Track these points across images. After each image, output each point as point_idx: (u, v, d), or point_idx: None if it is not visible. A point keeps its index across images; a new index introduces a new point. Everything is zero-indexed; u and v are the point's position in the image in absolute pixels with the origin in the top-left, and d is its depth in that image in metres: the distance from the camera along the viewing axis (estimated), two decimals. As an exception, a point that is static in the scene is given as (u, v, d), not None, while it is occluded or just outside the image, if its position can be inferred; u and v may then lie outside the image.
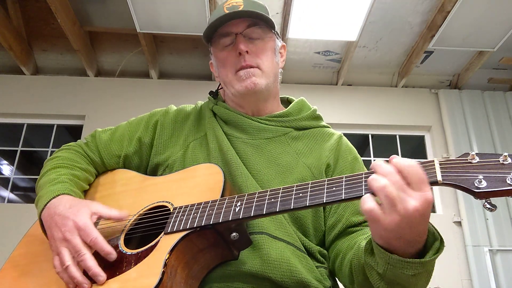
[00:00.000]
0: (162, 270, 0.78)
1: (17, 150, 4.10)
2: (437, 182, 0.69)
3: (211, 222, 0.83)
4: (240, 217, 0.82)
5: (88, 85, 4.22)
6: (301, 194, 0.79)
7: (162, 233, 0.87)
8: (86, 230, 0.88)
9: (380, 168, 0.70)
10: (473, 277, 3.59)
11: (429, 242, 0.74)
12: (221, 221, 0.82)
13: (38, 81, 4.21)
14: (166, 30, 3.56)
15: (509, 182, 0.64)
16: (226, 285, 0.91)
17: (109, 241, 0.90)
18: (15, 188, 4.44)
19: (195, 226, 0.84)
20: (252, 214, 0.81)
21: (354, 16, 3.40)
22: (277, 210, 0.79)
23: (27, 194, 4.68)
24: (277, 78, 1.17)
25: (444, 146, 4.16)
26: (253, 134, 1.11)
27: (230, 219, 0.82)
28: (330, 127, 1.21)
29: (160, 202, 0.97)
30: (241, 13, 1.08)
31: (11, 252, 1.03)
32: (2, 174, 4.49)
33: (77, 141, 1.21)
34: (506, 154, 0.67)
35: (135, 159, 1.15)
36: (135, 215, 0.97)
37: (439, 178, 0.69)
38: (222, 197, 0.89)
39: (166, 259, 0.79)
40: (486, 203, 0.66)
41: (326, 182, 0.79)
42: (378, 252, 0.75)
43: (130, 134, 1.17)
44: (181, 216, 0.88)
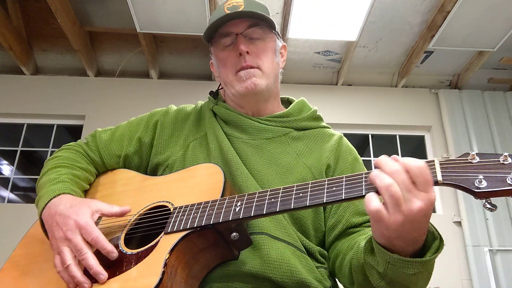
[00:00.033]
0: (162, 270, 0.78)
1: (17, 150, 4.10)
2: (437, 182, 0.69)
3: (211, 222, 0.83)
4: (240, 217, 0.82)
5: (88, 85, 4.22)
6: (301, 194, 0.79)
7: (162, 233, 0.87)
8: (88, 228, 0.87)
9: (386, 165, 0.69)
10: (473, 277, 3.59)
11: (428, 241, 0.74)
12: (221, 221, 0.83)
13: (38, 81, 4.20)
14: (166, 30, 3.56)
15: (509, 182, 0.64)
16: (226, 285, 0.91)
17: (109, 241, 0.90)
18: (15, 188, 4.44)
19: (195, 226, 0.84)
20: (252, 214, 0.81)
21: (354, 16, 3.39)
22: (277, 210, 0.79)
23: (27, 194, 4.67)
24: (277, 78, 1.17)
25: (444, 146, 4.16)
26: (253, 134, 1.11)
27: (230, 219, 0.82)
28: (330, 128, 1.21)
29: (160, 202, 0.97)
30: (241, 13, 1.08)
31: (11, 252, 1.03)
32: (2, 174, 4.49)
33: (77, 141, 1.21)
34: (506, 154, 0.67)
35: (135, 159, 1.15)
36: (135, 215, 0.97)
37: (439, 178, 0.69)
38: (222, 197, 0.89)
39: (166, 259, 0.79)
40: (486, 203, 0.66)
41: (326, 182, 0.79)
42: (378, 251, 0.75)
43: (130, 134, 1.17)
44: (181, 216, 0.88)
